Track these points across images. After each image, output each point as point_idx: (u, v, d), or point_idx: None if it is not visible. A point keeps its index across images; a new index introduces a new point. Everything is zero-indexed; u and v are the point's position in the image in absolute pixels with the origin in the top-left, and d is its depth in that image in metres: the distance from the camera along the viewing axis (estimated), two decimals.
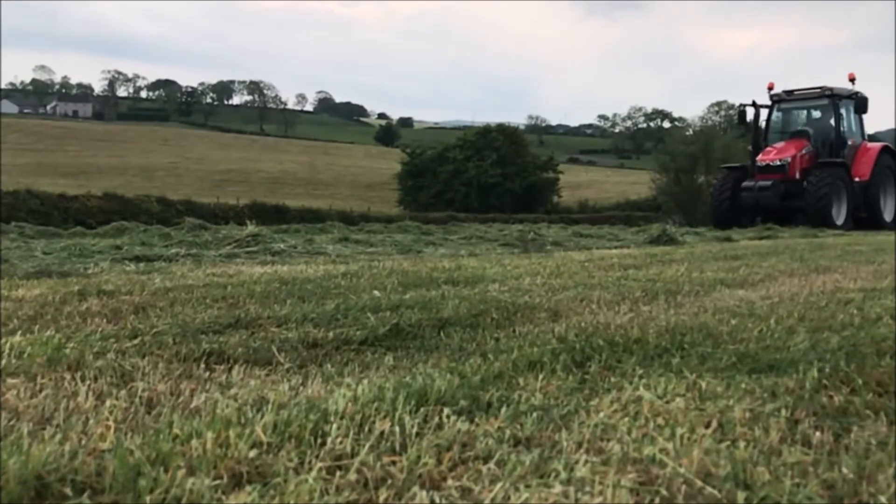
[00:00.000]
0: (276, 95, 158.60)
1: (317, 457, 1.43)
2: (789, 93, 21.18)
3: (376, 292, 3.66)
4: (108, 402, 1.78)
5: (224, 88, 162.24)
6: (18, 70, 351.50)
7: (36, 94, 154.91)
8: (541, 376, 2.07)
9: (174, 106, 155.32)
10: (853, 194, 19.73)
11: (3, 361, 2.12)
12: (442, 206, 44.04)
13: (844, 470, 1.40)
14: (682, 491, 1.31)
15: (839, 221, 18.80)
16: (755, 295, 3.93)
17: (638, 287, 4.14)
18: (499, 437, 1.56)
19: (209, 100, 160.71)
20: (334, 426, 1.56)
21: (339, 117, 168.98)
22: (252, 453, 1.41)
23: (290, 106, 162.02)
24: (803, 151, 19.93)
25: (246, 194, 35.73)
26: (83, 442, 1.47)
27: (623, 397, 1.85)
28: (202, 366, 2.25)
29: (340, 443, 1.49)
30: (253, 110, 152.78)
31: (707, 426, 1.62)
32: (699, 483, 1.33)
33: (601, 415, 1.71)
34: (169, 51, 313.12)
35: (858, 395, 1.88)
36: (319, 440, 1.51)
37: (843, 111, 20.62)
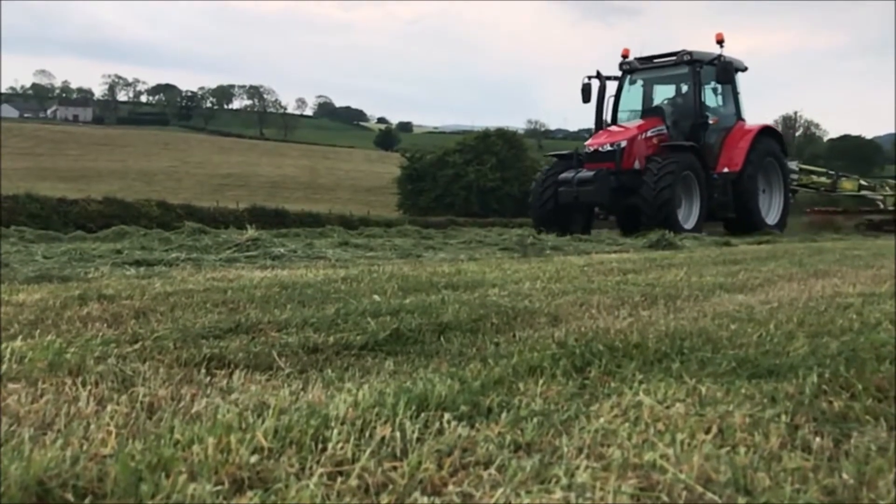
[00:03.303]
0: (276, 100, 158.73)
1: (318, 462, 1.43)
2: (643, 60, 16.97)
3: (376, 297, 3.66)
4: (109, 408, 1.78)
5: (224, 93, 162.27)
6: (19, 74, 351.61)
7: (36, 99, 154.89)
8: (541, 381, 2.08)
9: (174, 110, 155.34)
10: (712, 188, 15.59)
11: (4, 366, 2.13)
12: (441, 211, 44.05)
13: (845, 476, 1.41)
14: (682, 497, 1.32)
15: (687, 224, 14.75)
16: (754, 300, 3.94)
17: (637, 292, 4.14)
18: (499, 442, 1.56)
19: (209, 104, 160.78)
20: (335, 431, 1.56)
21: (338, 121, 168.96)
22: (253, 459, 1.41)
23: (290, 110, 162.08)
24: (648, 133, 15.46)
25: (246, 198, 35.68)
26: (84, 447, 1.47)
27: (623, 402, 1.86)
28: (203, 371, 2.26)
29: (341, 448, 1.49)
30: (253, 114, 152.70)
31: (707, 432, 1.63)
32: (700, 489, 1.34)
33: (601, 420, 1.71)
34: (169, 55, 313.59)
35: (858, 400, 1.88)
36: (320, 446, 1.51)
37: (706, 82, 16.33)
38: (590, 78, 16.83)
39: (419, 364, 2.42)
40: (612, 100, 16.97)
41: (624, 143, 15.14)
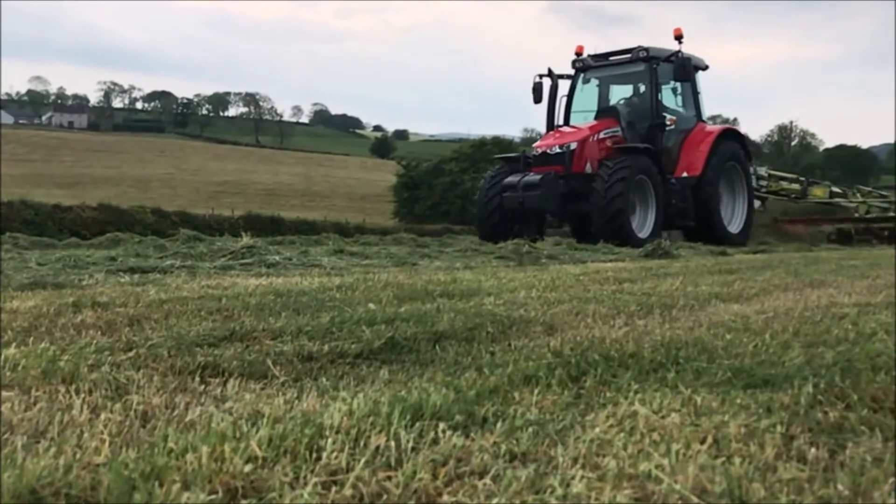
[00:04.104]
0: (272, 107, 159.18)
1: (312, 471, 1.42)
2: (598, 58, 15.86)
3: (371, 305, 3.66)
4: (102, 416, 1.77)
5: (220, 100, 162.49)
6: (14, 80, 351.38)
7: (32, 105, 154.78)
8: (536, 391, 2.07)
9: (170, 117, 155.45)
10: (669, 194, 14.48)
11: None
12: (437, 219, 44.08)
13: (840, 486, 1.40)
14: None
15: (642, 233, 13.60)
16: (750, 309, 3.94)
17: (633, 301, 4.14)
18: (494, 452, 1.55)
19: (205, 111, 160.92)
20: (329, 441, 1.56)
21: (334, 129, 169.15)
22: (247, 468, 1.41)
23: (286, 118, 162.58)
24: (601, 135, 14.32)
25: (241, 206, 35.71)
26: (78, 456, 1.47)
27: (619, 412, 1.85)
28: (197, 379, 2.25)
29: (336, 457, 1.48)
30: (248, 122, 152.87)
31: (702, 442, 1.62)
32: (695, 500, 1.33)
33: (597, 430, 1.71)
34: (165, 62, 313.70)
35: (854, 410, 1.88)
36: (315, 455, 1.50)
37: (663, 80, 15.31)
38: (541, 76, 15.71)
39: (414, 373, 2.41)
40: (565, 100, 16.00)
41: (574, 145, 13.97)
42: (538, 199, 13.61)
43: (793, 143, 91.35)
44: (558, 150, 14.03)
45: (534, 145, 14.98)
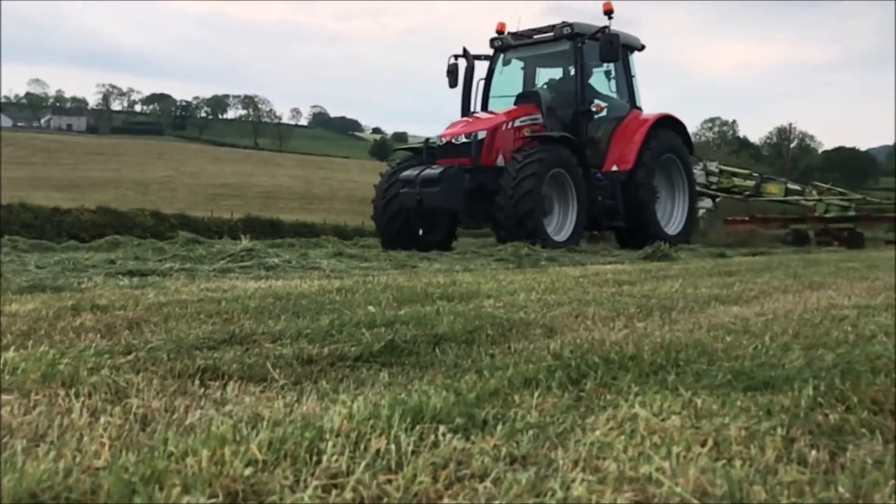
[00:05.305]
0: (271, 110, 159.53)
1: (312, 475, 1.42)
2: (519, 36, 13.84)
3: (371, 308, 3.66)
4: (102, 419, 1.77)
5: (218, 102, 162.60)
6: (13, 83, 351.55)
7: (30, 108, 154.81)
8: (536, 393, 2.07)
9: (169, 120, 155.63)
10: (594, 191, 12.58)
11: None
12: None
13: (840, 489, 1.40)
14: None
15: (560, 235, 11.89)
16: (749, 311, 3.94)
17: (632, 303, 4.14)
18: (495, 455, 1.55)
19: (204, 114, 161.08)
20: (330, 444, 1.55)
21: (333, 131, 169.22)
22: (247, 471, 1.40)
23: (285, 120, 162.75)
24: (518, 122, 12.33)
25: (240, 208, 35.66)
26: (78, 459, 1.46)
27: (619, 415, 1.85)
28: (197, 382, 2.25)
29: (336, 461, 1.48)
30: (247, 124, 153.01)
31: (703, 444, 1.62)
32: (696, 502, 1.33)
33: (597, 433, 1.71)
34: (164, 65, 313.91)
35: (854, 413, 1.87)
36: (315, 458, 1.50)
37: (591, 61, 13.29)
38: (456, 57, 13.85)
39: (414, 376, 2.41)
40: (483, 84, 13.95)
41: (483, 134, 11.94)
42: (439, 197, 11.52)
43: (792, 146, 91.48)
44: (464, 140, 12.01)
45: (439, 134, 12.55)
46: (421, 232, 12.35)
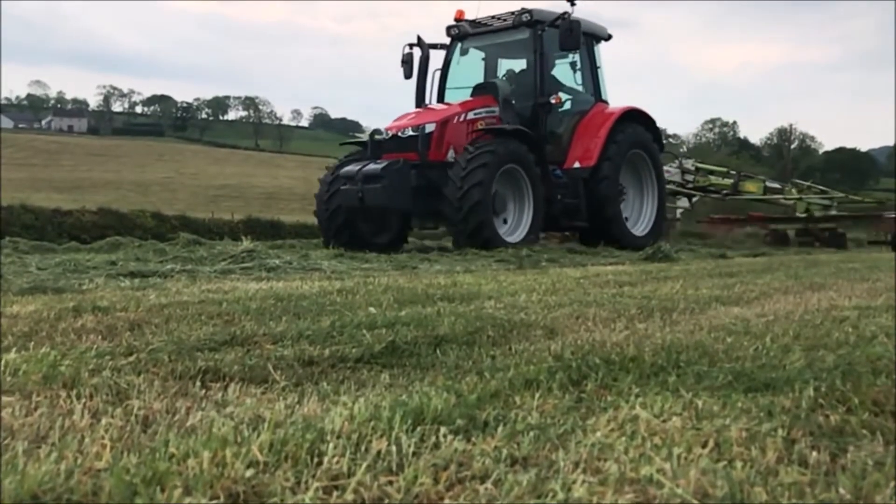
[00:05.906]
0: (272, 111, 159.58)
1: (313, 476, 1.42)
2: (477, 24, 12.90)
3: (372, 309, 3.66)
4: (103, 421, 1.77)
5: (219, 104, 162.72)
6: (13, 84, 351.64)
7: (31, 109, 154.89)
8: (537, 395, 2.07)
9: (169, 121, 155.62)
10: (553, 188, 11.78)
11: None
12: None
13: (841, 490, 1.40)
14: None
15: (514, 236, 11.08)
16: (750, 312, 3.94)
17: (633, 304, 4.14)
18: (496, 456, 1.55)
19: (204, 115, 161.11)
20: (331, 445, 1.56)
21: (334, 133, 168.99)
22: (248, 473, 1.40)
23: (286, 121, 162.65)
24: (471, 115, 11.52)
25: (241, 209, 35.60)
26: (79, 461, 1.46)
27: (620, 416, 1.85)
28: (198, 384, 2.25)
29: (337, 462, 1.48)
30: (248, 125, 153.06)
31: (704, 446, 1.62)
32: None
33: (598, 434, 1.71)
34: (164, 66, 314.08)
35: (855, 414, 1.88)
36: (316, 459, 1.50)
37: (552, 50, 12.38)
38: (411, 46, 12.93)
39: (415, 377, 2.41)
40: (440, 74, 13.06)
41: (431, 127, 11.09)
42: (381, 194, 10.65)
43: (792, 147, 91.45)
44: (411, 133, 11.20)
45: (385, 127, 11.73)
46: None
